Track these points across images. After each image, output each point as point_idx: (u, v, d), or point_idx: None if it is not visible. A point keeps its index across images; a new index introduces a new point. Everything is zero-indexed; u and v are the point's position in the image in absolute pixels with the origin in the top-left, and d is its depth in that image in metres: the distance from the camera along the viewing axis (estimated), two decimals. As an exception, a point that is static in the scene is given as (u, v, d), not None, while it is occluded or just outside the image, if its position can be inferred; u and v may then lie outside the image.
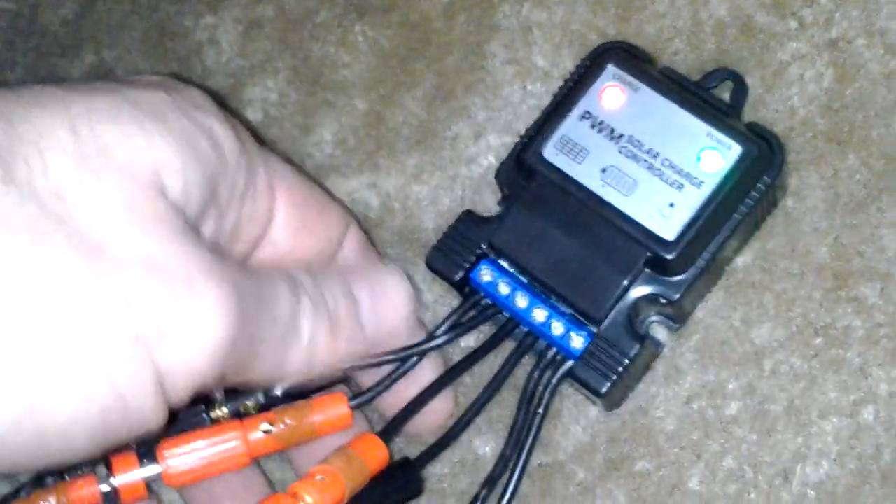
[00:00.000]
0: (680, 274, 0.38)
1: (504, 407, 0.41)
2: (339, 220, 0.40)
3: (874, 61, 0.40)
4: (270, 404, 0.41)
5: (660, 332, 0.40)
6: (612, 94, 0.39)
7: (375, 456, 0.40)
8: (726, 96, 0.41)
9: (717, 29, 0.42)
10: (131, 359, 0.30)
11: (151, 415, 0.31)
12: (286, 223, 0.38)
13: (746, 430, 0.38)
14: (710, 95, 0.40)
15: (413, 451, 0.41)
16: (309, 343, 0.36)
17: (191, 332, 0.31)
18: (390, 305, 0.39)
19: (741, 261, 0.40)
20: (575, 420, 0.40)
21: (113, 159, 0.31)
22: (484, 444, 0.41)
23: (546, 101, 0.43)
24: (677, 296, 0.38)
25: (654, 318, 0.39)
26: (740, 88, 0.40)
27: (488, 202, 0.43)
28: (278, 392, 0.40)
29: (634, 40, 0.43)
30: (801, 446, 0.37)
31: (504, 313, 0.40)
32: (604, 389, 0.37)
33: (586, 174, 0.39)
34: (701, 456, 0.38)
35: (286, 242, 0.38)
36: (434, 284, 0.43)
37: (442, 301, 0.43)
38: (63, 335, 0.29)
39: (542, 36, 0.44)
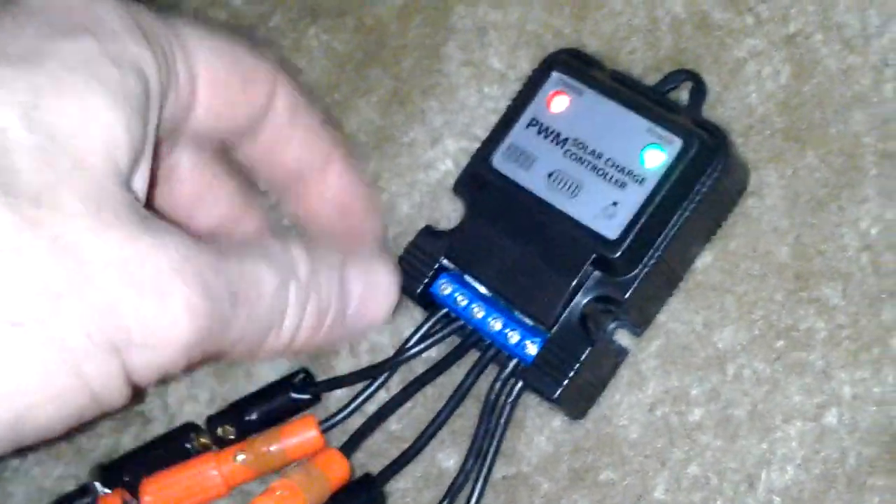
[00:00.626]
0: (627, 273, 0.37)
1: (467, 418, 0.40)
2: (264, 82, 0.38)
3: (831, 57, 0.39)
4: (244, 431, 0.41)
5: (624, 339, 0.39)
6: (558, 99, 0.39)
7: (336, 470, 0.40)
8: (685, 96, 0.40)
9: (673, 26, 0.41)
10: (106, 364, 0.30)
11: (119, 402, 0.31)
12: (208, 104, 0.36)
13: (711, 437, 0.37)
14: (660, 96, 0.39)
15: (376, 466, 0.40)
16: (289, 332, 0.35)
17: (160, 336, 0.30)
18: (379, 302, 0.39)
19: (701, 262, 0.39)
20: (538, 430, 0.39)
21: (68, 152, 0.30)
22: (447, 458, 0.40)
23: (503, 103, 0.42)
24: (626, 295, 0.37)
25: (613, 323, 0.38)
26: (699, 88, 0.40)
27: (446, 208, 0.43)
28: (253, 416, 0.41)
29: (590, 39, 0.42)
30: (765, 452, 0.37)
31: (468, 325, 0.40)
32: (555, 394, 0.37)
33: (533, 180, 0.38)
34: (665, 464, 0.38)
35: (209, 122, 0.37)
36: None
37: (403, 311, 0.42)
38: (45, 346, 0.29)
39: (498, 37, 0.44)
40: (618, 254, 0.37)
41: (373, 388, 0.41)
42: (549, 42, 0.43)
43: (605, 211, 0.37)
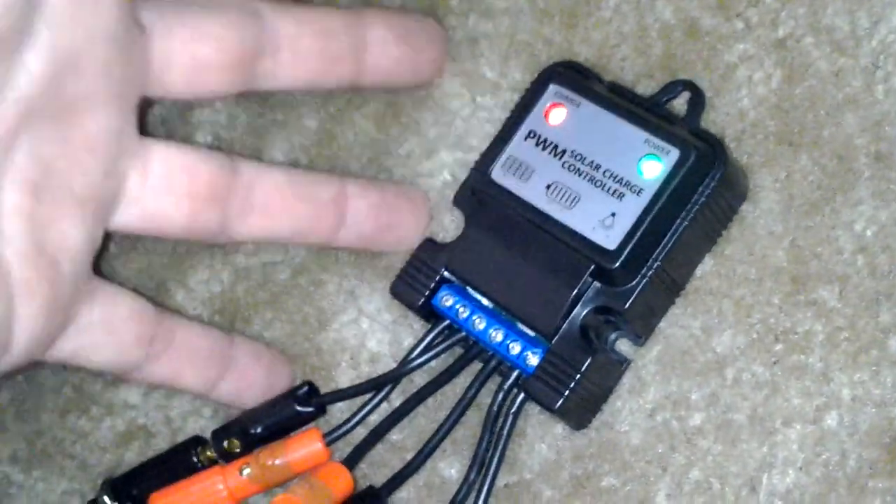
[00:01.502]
0: (627, 283, 0.37)
1: (469, 428, 0.40)
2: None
3: (822, 59, 0.39)
4: (250, 444, 0.41)
5: (626, 349, 0.39)
6: (556, 112, 0.39)
7: (340, 483, 0.40)
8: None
9: (662, 33, 0.41)
10: None
11: None
12: None
13: (711, 441, 0.38)
14: (658, 107, 0.39)
15: (379, 477, 0.41)
16: None
17: None
18: None
19: (699, 268, 0.39)
20: (540, 438, 0.40)
21: None
22: (449, 467, 0.41)
23: (497, 113, 0.43)
24: (626, 305, 0.37)
25: (614, 333, 0.38)
26: (697, 99, 0.40)
27: (445, 220, 0.43)
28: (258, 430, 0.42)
29: (581, 47, 0.42)
30: (766, 455, 0.37)
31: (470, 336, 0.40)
32: (556, 405, 0.37)
33: (532, 192, 0.39)
34: (667, 469, 0.38)
35: None
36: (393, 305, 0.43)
37: (401, 322, 0.42)
38: None
39: (489, 47, 0.44)
40: (616, 264, 0.37)
41: (376, 400, 0.41)
42: (540, 51, 0.43)
43: (604, 222, 0.37)
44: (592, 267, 0.37)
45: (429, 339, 0.40)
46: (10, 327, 0.34)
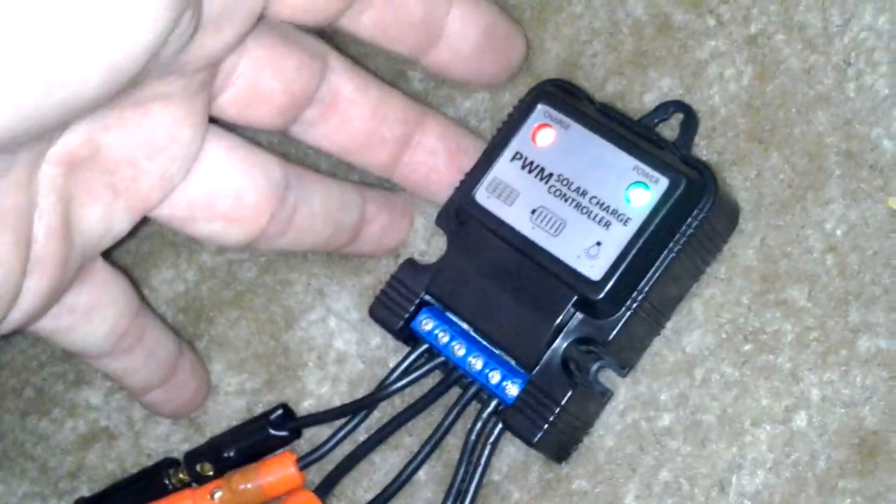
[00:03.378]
0: (611, 315, 0.36)
1: (447, 452, 0.40)
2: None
3: (794, 56, 0.39)
4: (223, 468, 0.41)
5: (609, 381, 0.38)
6: (543, 133, 0.38)
7: None
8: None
9: (634, 29, 0.41)
10: None
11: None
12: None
13: (680, 442, 0.37)
14: (648, 130, 0.38)
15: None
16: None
17: None
18: None
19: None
20: (509, 439, 0.39)
21: None
22: (426, 496, 0.40)
23: (473, 118, 0.42)
24: (609, 338, 0.36)
25: (596, 364, 0.36)
26: (689, 122, 0.38)
27: (439, 243, 0.42)
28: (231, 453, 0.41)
29: (551, 43, 0.42)
30: (735, 456, 0.36)
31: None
32: (535, 439, 0.36)
33: (516, 216, 0.37)
34: (636, 470, 0.38)
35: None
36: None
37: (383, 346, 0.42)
38: None
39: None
40: (600, 295, 0.35)
41: (352, 424, 0.40)
42: (510, 47, 0.42)
43: (589, 251, 0.36)
44: (575, 297, 0.36)
45: (407, 362, 0.39)
46: (17, 299, 0.33)
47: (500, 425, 0.37)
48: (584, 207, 0.36)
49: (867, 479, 0.35)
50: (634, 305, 0.36)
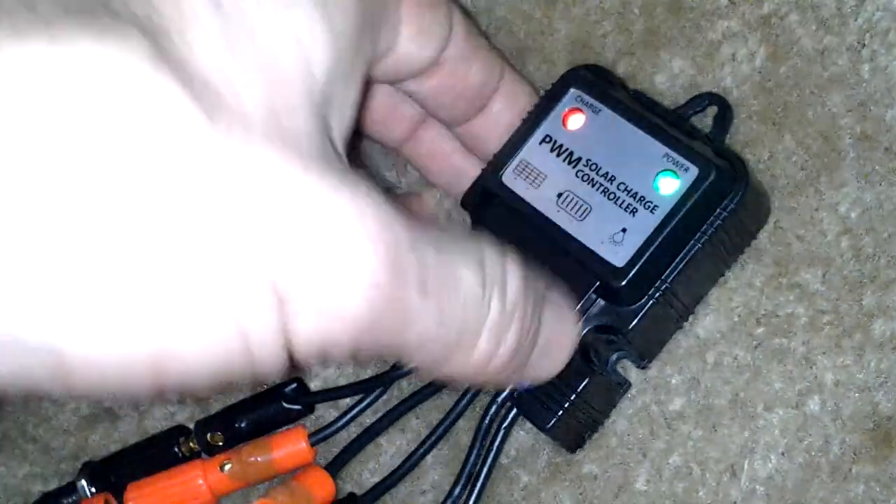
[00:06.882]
0: (632, 303, 0.35)
1: (459, 436, 0.40)
2: (445, 14, 0.35)
3: (807, 37, 0.38)
4: (233, 438, 0.40)
5: (624, 369, 0.38)
6: (574, 117, 0.37)
7: (321, 490, 0.39)
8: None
9: (645, 9, 0.40)
10: (266, 318, 0.25)
11: (273, 369, 0.27)
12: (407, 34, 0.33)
13: (692, 426, 0.37)
14: (682, 120, 0.37)
15: (364, 483, 0.40)
16: (480, 357, 0.30)
17: (331, 303, 0.26)
18: (560, 350, 0.34)
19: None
20: (518, 423, 0.39)
21: (259, 49, 0.25)
22: (436, 479, 0.40)
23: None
24: (630, 326, 0.35)
25: (615, 354, 0.35)
26: (724, 114, 0.38)
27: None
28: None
29: (561, 23, 0.41)
30: (747, 440, 0.36)
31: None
32: (548, 425, 0.36)
33: (542, 199, 0.36)
34: (647, 454, 0.37)
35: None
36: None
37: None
38: (202, 283, 0.24)
39: (467, 22, 0.43)
40: (623, 283, 0.35)
41: (366, 402, 0.39)
42: (518, 28, 0.42)
43: (614, 237, 0.35)
44: (597, 283, 0.35)
45: None
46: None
47: (514, 410, 0.37)
48: (611, 193, 0.36)
49: (881, 465, 0.35)
50: (657, 295, 0.35)
